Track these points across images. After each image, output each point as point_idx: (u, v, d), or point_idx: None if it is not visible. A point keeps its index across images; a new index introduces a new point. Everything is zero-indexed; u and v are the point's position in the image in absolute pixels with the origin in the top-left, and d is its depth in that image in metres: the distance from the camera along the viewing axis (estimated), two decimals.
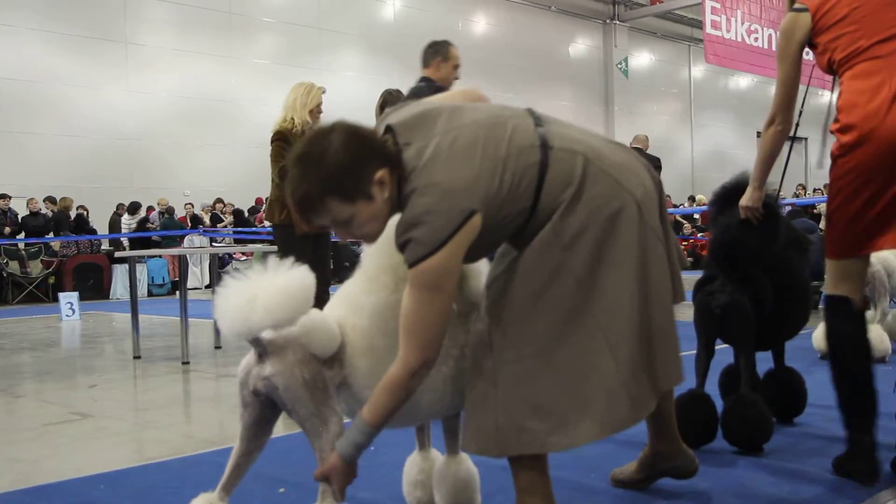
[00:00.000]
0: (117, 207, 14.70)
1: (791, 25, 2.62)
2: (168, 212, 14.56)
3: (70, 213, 13.84)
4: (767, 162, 2.73)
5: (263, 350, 1.96)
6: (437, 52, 4.87)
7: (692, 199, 21.02)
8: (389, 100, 5.25)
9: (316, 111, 5.09)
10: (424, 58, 4.93)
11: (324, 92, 5.15)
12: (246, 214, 16.13)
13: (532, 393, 1.94)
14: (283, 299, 1.84)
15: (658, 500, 2.54)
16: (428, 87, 4.79)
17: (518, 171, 1.91)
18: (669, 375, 2.07)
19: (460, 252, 1.86)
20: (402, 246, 1.87)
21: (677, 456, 2.52)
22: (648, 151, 9.08)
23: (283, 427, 2.17)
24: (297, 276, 1.89)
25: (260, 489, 2.68)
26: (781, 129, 2.66)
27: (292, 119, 4.99)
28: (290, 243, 4.97)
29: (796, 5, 2.63)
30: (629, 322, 1.96)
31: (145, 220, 14.45)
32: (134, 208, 14.63)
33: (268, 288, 1.85)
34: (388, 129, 1.97)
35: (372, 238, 1.99)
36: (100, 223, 14.54)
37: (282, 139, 4.98)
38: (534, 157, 1.93)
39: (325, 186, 1.84)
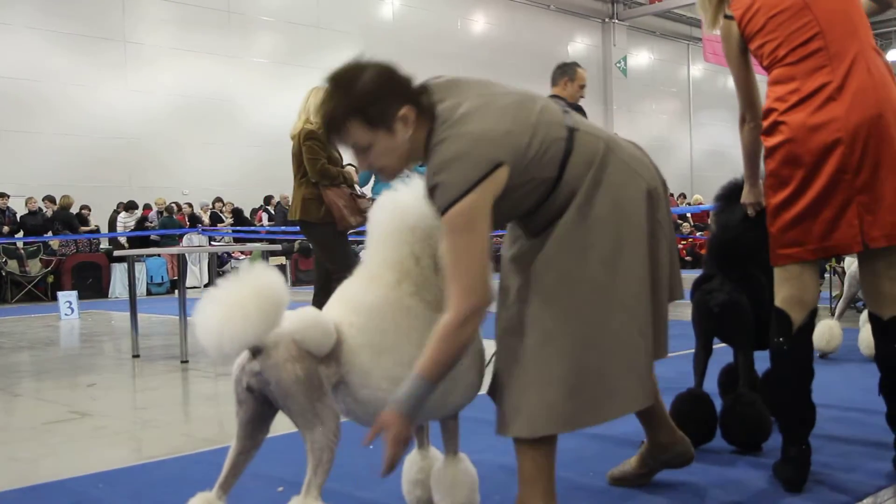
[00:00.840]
0: (117, 206, 14.68)
1: (726, 33, 2.69)
2: (167, 210, 14.55)
3: (71, 211, 13.83)
4: (752, 159, 2.79)
5: (256, 348, 1.96)
6: (565, 72, 5.31)
7: (682, 196, 21.06)
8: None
9: None
10: (553, 77, 5.40)
11: None
12: (249, 212, 16.12)
13: (562, 372, 1.99)
14: (244, 325, 1.84)
15: (657, 499, 2.54)
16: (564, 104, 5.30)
17: (546, 140, 1.99)
18: (661, 349, 2.20)
19: (488, 200, 1.91)
20: (430, 191, 1.94)
21: (676, 445, 2.58)
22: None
23: (281, 426, 2.16)
24: (255, 297, 1.87)
25: (258, 488, 2.67)
26: (754, 125, 2.71)
27: (317, 122, 5.14)
28: (333, 241, 5.13)
29: (727, 12, 2.68)
30: (646, 303, 2.07)
31: (144, 219, 14.43)
32: (130, 206, 14.59)
33: (231, 318, 1.84)
34: (423, 86, 2.04)
35: (386, 173, 2.03)
36: (98, 222, 14.52)
37: (315, 138, 5.17)
38: (561, 134, 2.02)
39: (351, 108, 1.93)
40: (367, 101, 1.92)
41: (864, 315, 5.06)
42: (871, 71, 2.43)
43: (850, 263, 5.69)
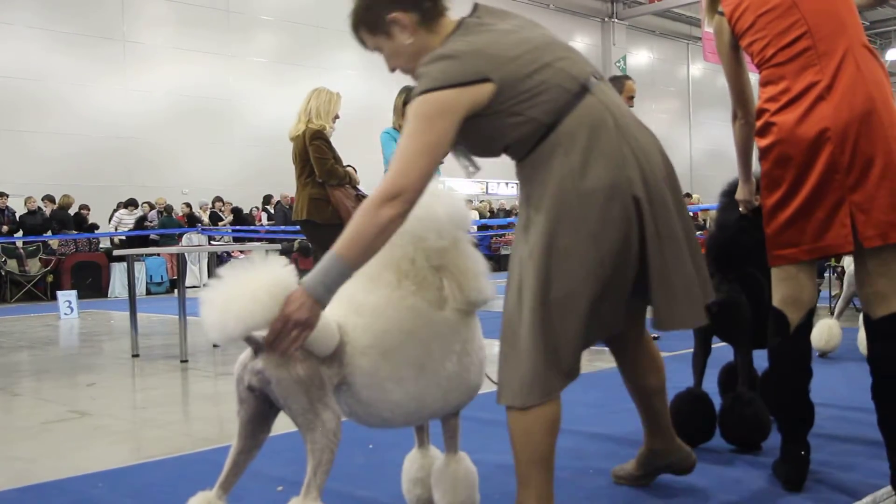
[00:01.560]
0: (117, 206, 14.66)
1: (718, 29, 2.69)
2: (167, 210, 14.54)
3: (70, 211, 13.82)
4: (745, 155, 2.79)
5: (258, 346, 1.96)
6: (615, 84, 5.62)
7: (688, 195, 21.01)
8: (410, 98, 5.38)
9: (335, 118, 5.42)
10: None
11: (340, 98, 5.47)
12: (249, 212, 16.10)
13: (537, 342, 1.97)
14: (252, 307, 1.81)
15: (657, 499, 2.54)
16: None
17: (548, 82, 1.98)
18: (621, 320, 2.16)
19: (461, 106, 1.94)
20: (418, 76, 2.01)
21: (672, 453, 2.56)
22: None
23: (281, 425, 2.16)
24: (267, 281, 1.85)
25: (258, 487, 2.68)
26: (745, 121, 2.70)
27: (320, 124, 5.29)
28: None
29: (719, 8, 2.68)
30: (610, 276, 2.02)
31: (143, 218, 14.43)
32: (130, 204, 14.55)
33: (240, 296, 1.82)
34: (475, 7, 2.14)
35: (405, 73, 2.16)
36: (98, 221, 14.52)
37: (322, 138, 5.26)
38: (570, 86, 2.00)
39: (355, 20, 2.14)
40: (362, 10, 2.11)
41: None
42: (860, 68, 2.40)
43: (850, 263, 5.69)
